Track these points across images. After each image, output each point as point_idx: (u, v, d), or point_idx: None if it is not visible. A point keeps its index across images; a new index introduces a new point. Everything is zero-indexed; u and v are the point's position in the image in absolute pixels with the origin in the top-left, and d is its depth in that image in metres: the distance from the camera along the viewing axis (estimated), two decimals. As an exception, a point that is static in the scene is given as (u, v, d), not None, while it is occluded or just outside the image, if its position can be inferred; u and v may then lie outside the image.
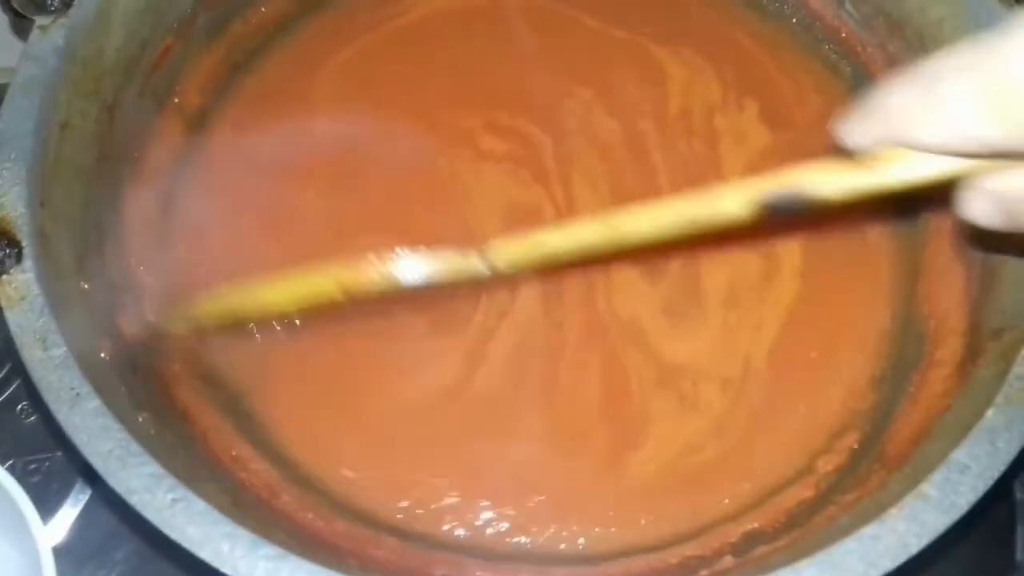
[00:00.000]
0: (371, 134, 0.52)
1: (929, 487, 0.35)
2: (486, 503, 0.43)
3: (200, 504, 0.35)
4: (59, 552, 0.52)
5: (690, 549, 0.42)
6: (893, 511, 0.35)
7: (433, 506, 0.43)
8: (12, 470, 0.53)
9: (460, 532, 0.42)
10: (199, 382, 0.45)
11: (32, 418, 0.57)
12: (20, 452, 0.55)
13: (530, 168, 0.51)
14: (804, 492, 0.43)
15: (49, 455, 0.56)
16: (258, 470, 0.42)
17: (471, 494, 0.43)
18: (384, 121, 0.52)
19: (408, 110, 0.53)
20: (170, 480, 0.35)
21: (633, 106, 0.53)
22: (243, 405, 0.45)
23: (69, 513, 0.55)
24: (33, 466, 0.56)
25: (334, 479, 0.43)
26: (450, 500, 0.43)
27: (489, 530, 0.42)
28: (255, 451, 0.43)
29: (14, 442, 0.55)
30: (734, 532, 0.42)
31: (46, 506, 0.53)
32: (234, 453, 0.42)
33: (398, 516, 0.42)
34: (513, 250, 0.40)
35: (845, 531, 0.35)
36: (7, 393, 0.58)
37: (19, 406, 0.58)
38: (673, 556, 0.42)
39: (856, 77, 0.53)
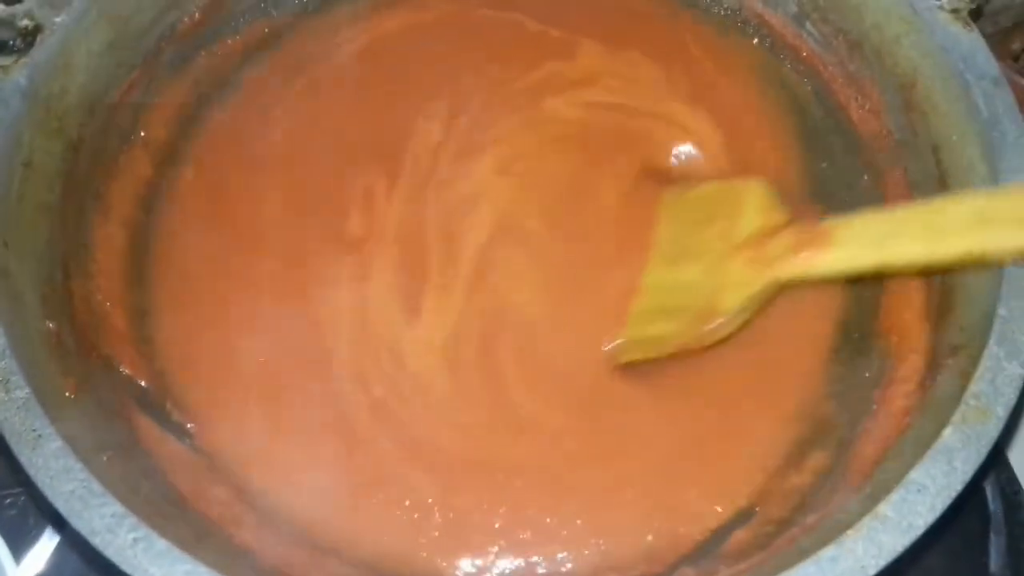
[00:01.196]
0: (319, 171, 0.52)
1: (886, 508, 0.36)
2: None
3: (161, 543, 0.35)
4: (36, 586, 0.53)
5: (646, 567, 0.43)
6: (851, 533, 0.35)
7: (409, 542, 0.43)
8: (-13, 505, 0.53)
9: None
10: (157, 417, 0.45)
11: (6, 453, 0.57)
12: (-4, 487, 0.55)
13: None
14: (771, 512, 0.43)
15: (24, 489, 0.56)
16: (222, 504, 0.42)
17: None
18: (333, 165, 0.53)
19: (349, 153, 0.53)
20: (132, 519, 0.35)
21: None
22: (200, 442, 0.45)
23: (46, 547, 0.55)
24: (8, 500, 0.56)
25: (296, 510, 0.43)
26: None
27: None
28: (218, 487, 0.43)
29: (-10, 477, 0.55)
30: (695, 554, 0.43)
31: (22, 541, 0.53)
32: (195, 487, 0.42)
33: (365, 549, 0.42)
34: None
35: (805, 553, 0.35)
36: (-18, 429, 0.58)
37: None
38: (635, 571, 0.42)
39: (817, 95, 0.54)
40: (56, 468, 0.36)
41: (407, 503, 0.43)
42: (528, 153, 0.52)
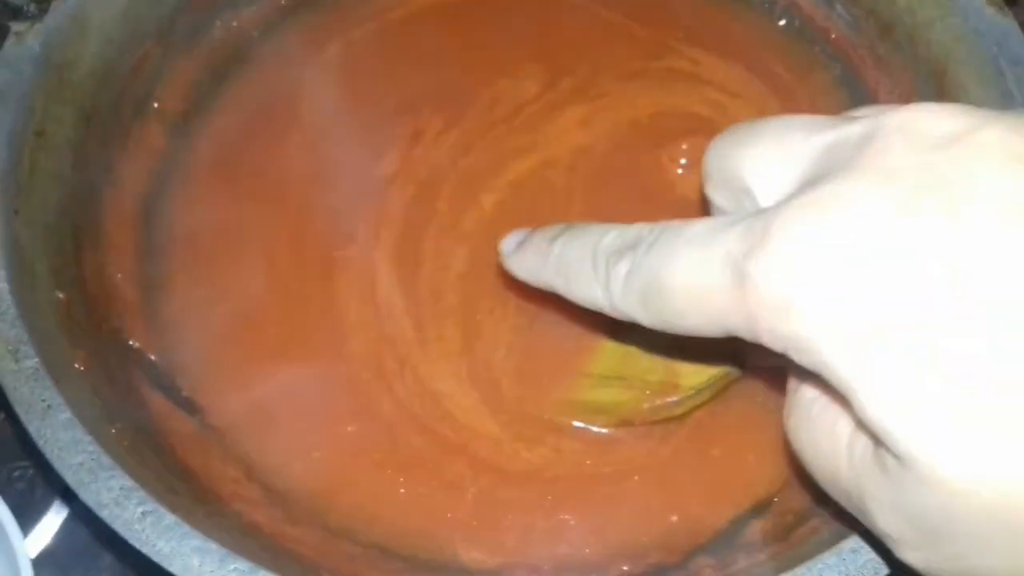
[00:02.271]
0: (350, 138, 0.51)
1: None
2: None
3: (170, 518, 0.34)
4: (43, 560, 0.52)
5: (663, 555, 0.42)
6: (875, 524, 0.34)
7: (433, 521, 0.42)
8: (-5, 478, 0.53)
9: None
10: (167, 392, 0.44)
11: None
12: (3, 459, 0.55)
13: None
14: (790, 501, 0.42)
15: (33, 462, 0.56)
16: (232, 482, 0.42)
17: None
18: (362, 126, 0.52)
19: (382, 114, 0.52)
20: (140, 493, 0.35)
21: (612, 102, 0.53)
22: (210, 418, 0.45)
23: (53, 521, 0.54)
24: (17, 473, 0.55)
25: (308, 489, 0.43)
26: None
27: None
28: (229, 464, 0.42)
29: (-2, 450, 0.55)
30: (712, 544, 0.42)
31: (30, 513, 0.53)
32: (205, 463, 0.42)
33: (377, 532, 0.42)
34: None
35: (824, 545, 0.35)
36: (-10, 401, 0.58)
37: (2, 414, 0.57)
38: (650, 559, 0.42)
39: (846, 79, 0.53)
40: (65, 439, 0.36)
41: (433, 482, 0.42)
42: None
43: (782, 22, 0.55)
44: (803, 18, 0.54)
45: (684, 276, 0.29)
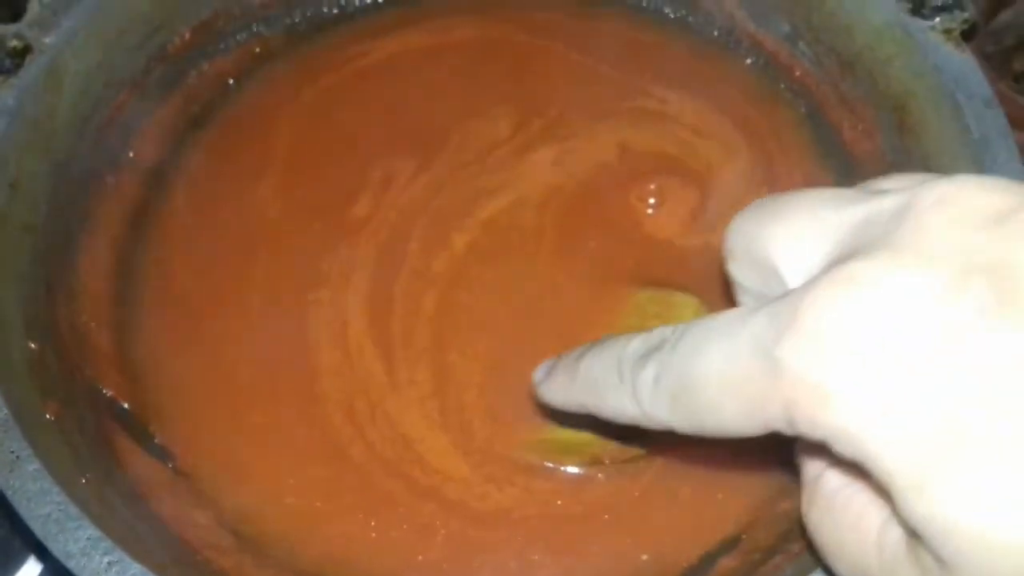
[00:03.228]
0: (323, 183, 0.52)
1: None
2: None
3: (136, 567, 0.34)
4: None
5: None
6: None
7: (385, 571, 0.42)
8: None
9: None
10: (139, 439, 0.45)
11: (-4, 473, 0.57)
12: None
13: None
14: (757, 539, 0.42)
15: (6, 513, 0.56)
16: (202, 528, 0.42)
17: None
18: (336, 171, 0.52)
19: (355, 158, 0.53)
20: (106, 543, 0.35)
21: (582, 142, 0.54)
22: (182, 464, 0.45)
23: (31, 571, 0.54)
24: (-5, 521, 0.55)
25: (279, 535, 0.43)
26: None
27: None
28: (198, 510, 0.43)
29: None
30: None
31: (6, 566, 0.53)
32: (176, 511, 0.42)
33: (354, 572, 0.42)
34: None
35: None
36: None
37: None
38: None
39: (811, 115, 0.53)
40: (33, 490, 0.36)
41: (404, 526, 0.43)
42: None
43: (748, 60, 0.56)
44: (767, 56, 0.55)
45: (714, 369, 0.27)
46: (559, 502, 0.44)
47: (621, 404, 0.32)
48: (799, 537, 0.39)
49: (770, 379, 0.25)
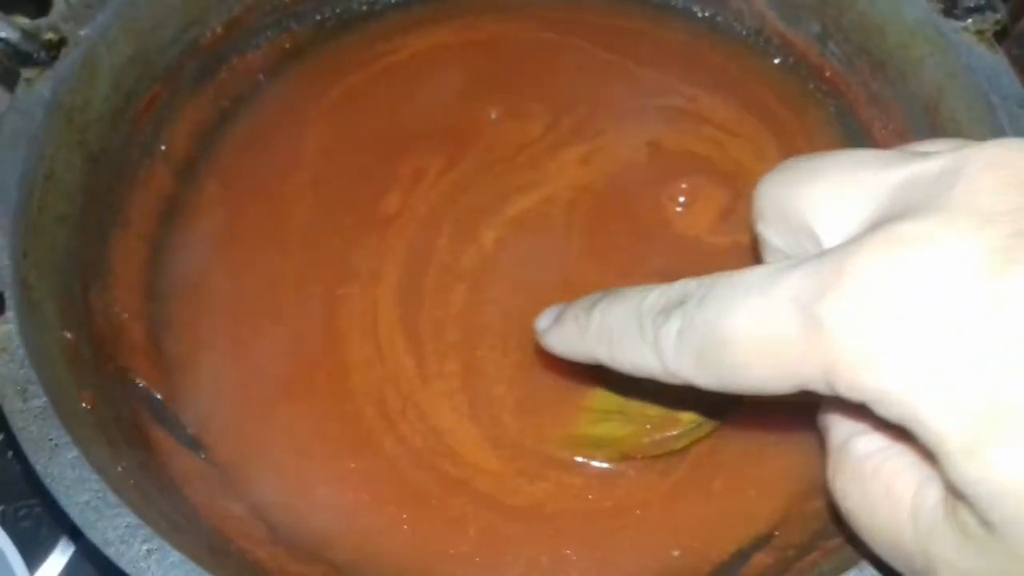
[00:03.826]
0: (353, 178, 0.52)
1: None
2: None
3: (175, 555, 0.34)
4: (48, 599, 0.53)
5: None
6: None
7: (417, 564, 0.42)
8: (1, 516, 0.53)
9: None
10: (172, 430, 0.45)
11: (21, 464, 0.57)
12: (9, 498, 0.55)
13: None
14: (791, 535, 0.42)
15: (39, 500, 0.56)
16: (236, 519, 0.42)
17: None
18: (365, 166, 0.53)
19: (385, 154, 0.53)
20: (146, 531, 0.35)
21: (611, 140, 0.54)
22: (214, 456, 0.45)
23: (58, 560, 0.54)
24: (23, 511, 0.56)
25: (311, 526, 0.43)
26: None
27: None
28: (232, 501, 0.43)
29: (3, 487, 0.55)
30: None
31: (35, 552, 0.53)
32: (210, 501, 0.42)
33: (380, 569, 0.42)
34: None
35: (826, 577, 0.35)
36: (-3, 439, 0.58)
37: (8, 453, 0.58)
38: None
39: (840, 115, 0.54)
40: (72, 478, 0.36)
41: (436, 519, 0.43)
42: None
43: (777, 60, 0.56)
44: (797, 56, 0.55)
45: (746, 326, 0.26)
46: (590, 497, 0.44)
47: (640, 356, 0.31)
48: (835, 534, 0.39)
49: (809, 338, 0.25)
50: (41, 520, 0.56)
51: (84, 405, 0.40)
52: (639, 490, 0.44)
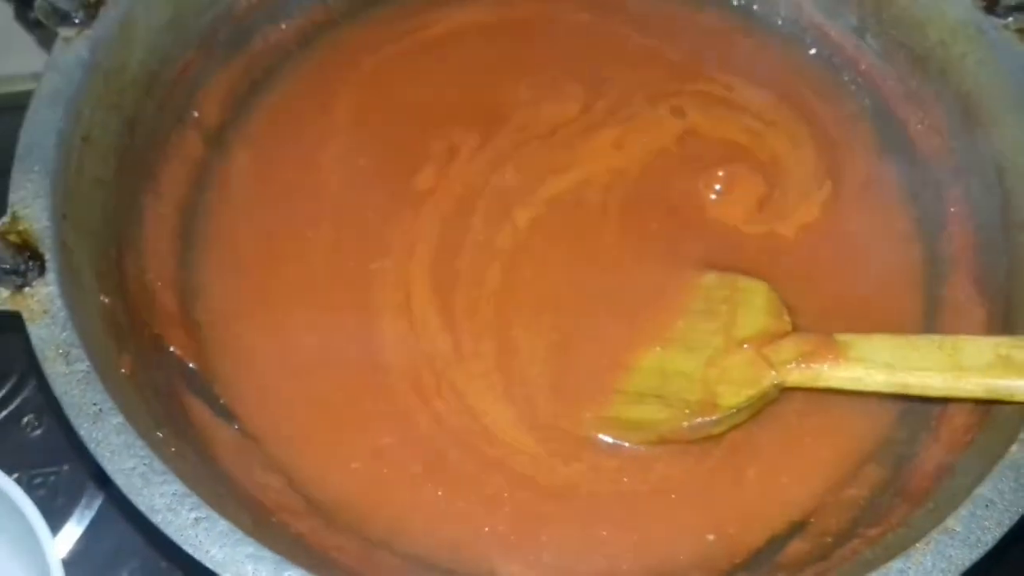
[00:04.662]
0: (385, 153, 0.52)
1: (955, 522, 0.35)
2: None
3: (223, 524, 0.34)
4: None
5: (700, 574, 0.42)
6: (919, 546, 0.35)
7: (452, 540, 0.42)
8: (17, 484, 0.53)
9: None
10: (206, 400, 0.45)
11: (37, 431, 0.57)
12: (25, 466, 0.54)
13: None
14: (827, 523, 0.42)
15: (55, 469, 0.55)
16: (274, 491, 0.42)
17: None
18: (397, 142, 0.52)
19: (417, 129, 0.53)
20: (193, 499, 0.35)
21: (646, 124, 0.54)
22: (248, 427, 0.45)
23: (74, 530, 0.54)
24: (38, 480, 0.55)
25: (345, 500, 0.43)
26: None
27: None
28: (269, 473, 0.42)
29: (19, 455, 0.54)
30: (750, 563, 0.42)
31: (50, 522, 0.52)
32: (247, 472, 0.42)
33: (415, 544, 0.42)
34: None
35: (869, 565, 0.35)
36: (12, 406, 0.57)
37: (24, 419, 0.57)
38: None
39: (876, 109, 0.54)
40: (117, 444, 0.35)
41: (471, 496, 0.42)
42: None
43: (812, 51, 0.56)
44: (832, 47, 0.56)
45: None
46: (625, 480, 0.44)
47: None
48: (875, 522, 0.39)
49: None
50: (57, 489, 0.55)
51: (123, 371, 0.40)
52: (675, 474, 0.44)
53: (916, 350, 0.41)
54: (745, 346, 0.44)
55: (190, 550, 0.34)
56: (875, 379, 0.41)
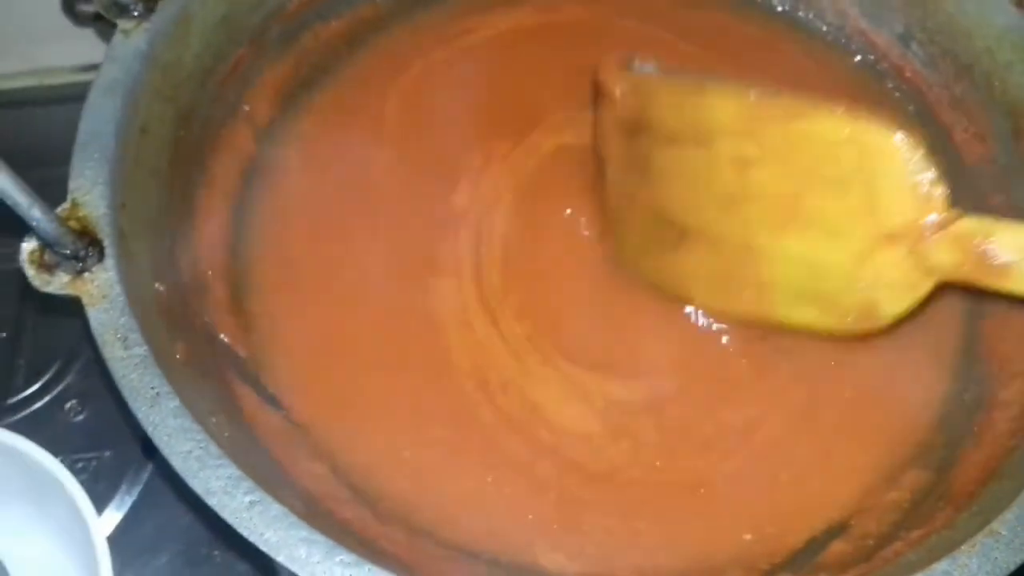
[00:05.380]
0: (431, 159, 0.52)
1: (1000, 526, 0.36)
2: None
3: (277, 508, 0.35)
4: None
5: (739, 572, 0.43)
6: (964, 548, 0.35)
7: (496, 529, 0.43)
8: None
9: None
10: (255, 388, 0.45)
11: (80, 416, 0.58)
12: (68, 450, 0.55)
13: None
14: (867, 525, 0.42)
15: (97, 454, 0.56)
16: (321, 479, 0.42)
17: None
18: (444, 147, 0.53)
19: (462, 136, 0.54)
20: (248, 483, 0.35)
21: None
22: (295, 416, 0.45)
23: (114, 515, 0.55)
24: (80, 464, 0.56)
25: (390, 489, 0.43)
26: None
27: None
28: (315, 461, 0.43)
29: (62, 440, 0.55)
30: (791, 563, 0.42)
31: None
32: (294, 460, 0.42)
33: (459, 533, 0.42)
34: None
35: (913, 567, 0.35)
36: (56, 391, 0.59)
37: (67, 404, 0.58)
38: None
39: (920, 116, 0.54)
40: (173, 427, 0.36)
41: (521, 484, 0.43)
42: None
43: (857, 58, 0.56)
44: (878, 55, 0.56)
45: None
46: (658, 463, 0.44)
47: None
48: (918, 525, 0.40)
49: None
50: (99, 474, 0.56)
51: (178, 357, 0.41)
52: (698, 467, 0.44)
53: None
54: (900, 238, 0.38)
55: (245, 533, 0.34)
56: None
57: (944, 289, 0.40)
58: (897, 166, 0.38)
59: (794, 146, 0.40)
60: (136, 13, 0.46)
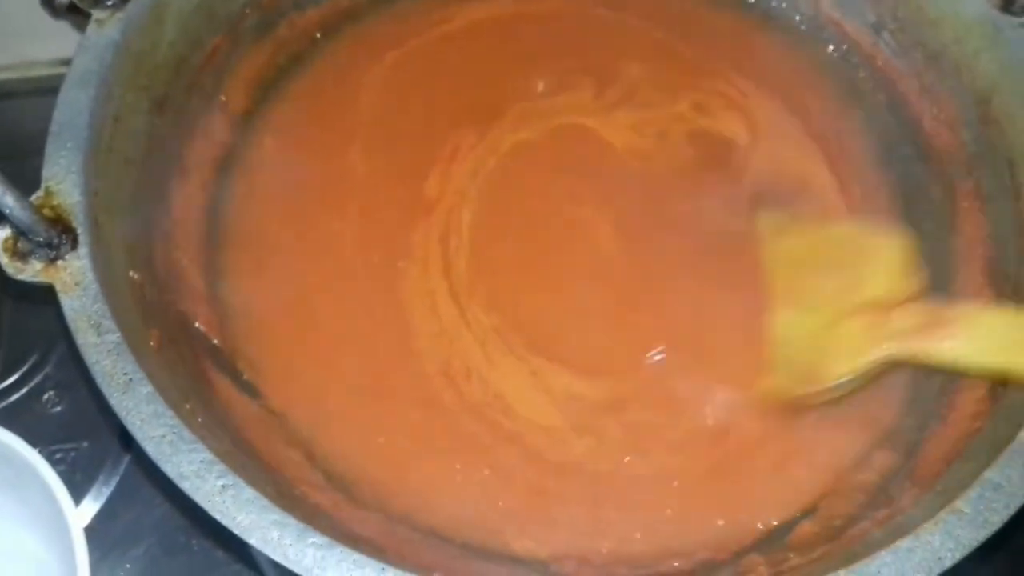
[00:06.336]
0: (408, 149, 0.53)
1: (963, 504, 0.36)
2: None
3: (249, 491, 0.35)
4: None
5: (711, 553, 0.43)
6: (928, 525, 0.35)
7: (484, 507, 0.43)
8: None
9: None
10: (230, 375, 0.45)
11: (58, 408, 0.58)
12: (45, 441, 0.55)
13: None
14: (836, 507, 0.43)
15: (75, 445, 0.56)
16: (295, 465, 0.43)
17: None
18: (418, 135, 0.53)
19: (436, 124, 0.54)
20: (220, 467, 0.35)
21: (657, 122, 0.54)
22: (270, 403, 0.46)
23: (92, 506, 0.55)
24: (58, 455, 0.56)
25: (366, 475, 0.44)
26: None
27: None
28: (290, 448, 0.43)
29: (40, 431, 0.55)
30: (761, 544, 0.43)
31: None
32: (269, 445, 0.43)
33: (434, 518, 0.43)
34: None
35: (879, 544, 0.36)
36: (33, 383, 0.59)
37: (45, 396, 0.58)
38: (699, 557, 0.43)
39: (891, 105, 0.54)
40: (146, 412, 0.36)
41: (486, 471, 0.43)
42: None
43: (830, 48, 0.57)
44: (850, 44, 0.56)
45: None
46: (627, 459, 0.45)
47: None
48: (884, 505, 0.40)
49: None
50: (76, 465, 0.56)
51: (151, 344, 0.41)
52: (674, 463, 0.45)
53: None
54: (864, 310, 0.43)
55: (217, 516, 0.35)
56: (993, 360, 0.40)
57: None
58: (888, 256, 0.45)
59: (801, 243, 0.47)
60: (110, 3, 0.46)
